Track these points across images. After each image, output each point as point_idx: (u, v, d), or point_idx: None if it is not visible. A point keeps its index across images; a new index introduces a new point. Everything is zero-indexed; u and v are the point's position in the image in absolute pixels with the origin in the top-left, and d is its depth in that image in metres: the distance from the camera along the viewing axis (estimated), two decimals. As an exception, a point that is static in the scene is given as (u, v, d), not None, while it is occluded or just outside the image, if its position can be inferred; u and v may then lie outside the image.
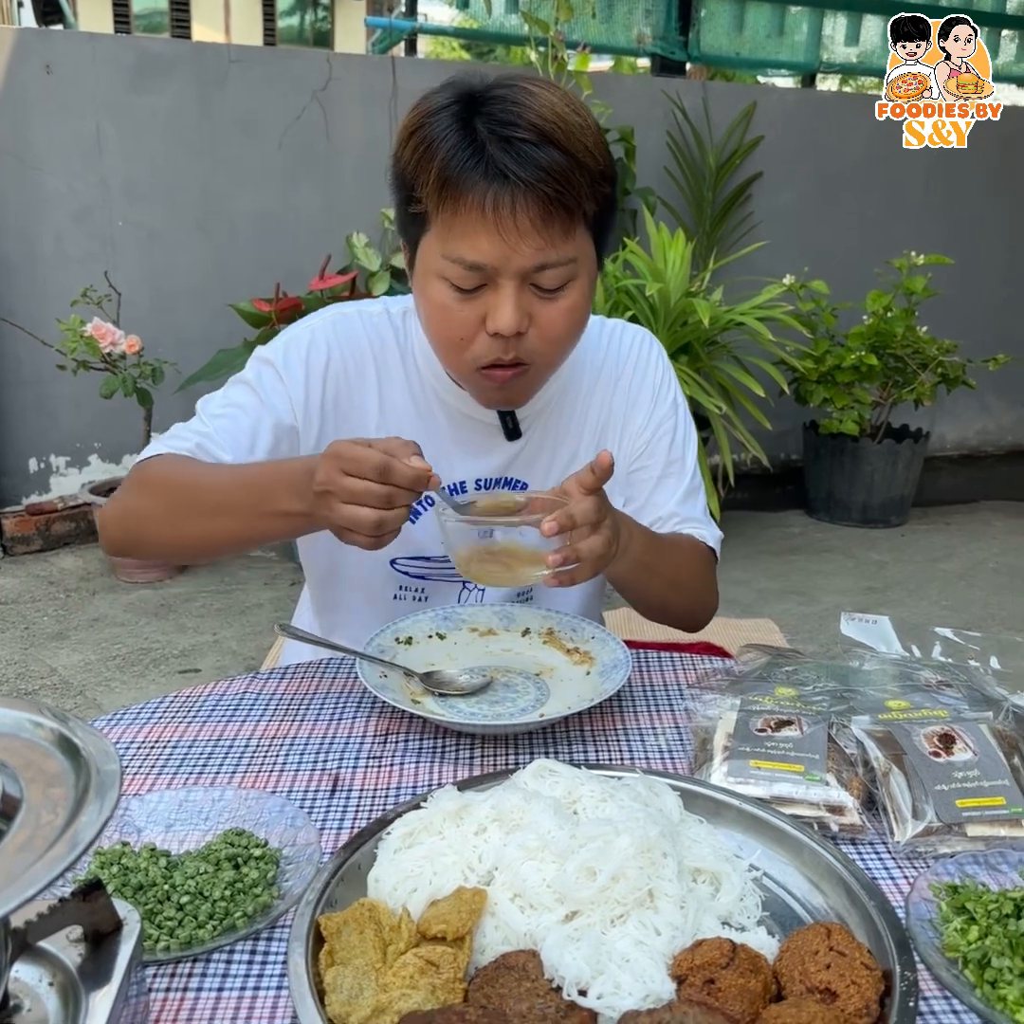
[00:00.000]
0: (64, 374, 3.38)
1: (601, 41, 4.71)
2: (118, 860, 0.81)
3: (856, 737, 0.92)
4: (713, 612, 1.35)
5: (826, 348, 4.33)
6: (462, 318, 1.06)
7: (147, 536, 1.17)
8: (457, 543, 1.03)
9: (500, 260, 1.02)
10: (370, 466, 0.91)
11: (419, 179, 1.03)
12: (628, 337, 1.33)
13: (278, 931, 0.76)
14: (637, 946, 0.69)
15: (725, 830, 0.84)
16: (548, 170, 1.00)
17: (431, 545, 1.26)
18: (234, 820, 0.88)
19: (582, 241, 1.07)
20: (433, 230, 1.05)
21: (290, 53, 5.14)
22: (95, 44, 3.74)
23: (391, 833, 0.79)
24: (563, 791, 0.82)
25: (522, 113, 1.00)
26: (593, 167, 1.04)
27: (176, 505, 1.12)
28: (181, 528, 1.12)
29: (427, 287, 1.08)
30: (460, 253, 1.03)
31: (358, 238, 3.76)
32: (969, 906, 0.74)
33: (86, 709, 2.68)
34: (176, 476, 1.13)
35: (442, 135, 1.01)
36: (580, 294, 1.09)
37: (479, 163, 1.00)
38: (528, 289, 1.05)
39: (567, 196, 1.01)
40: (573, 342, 1.14)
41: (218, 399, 1.21)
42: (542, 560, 0.98)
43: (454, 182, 1.00)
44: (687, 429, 1.34)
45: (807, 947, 0.69)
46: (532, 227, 1.01)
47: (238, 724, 1.06)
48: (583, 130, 1.03)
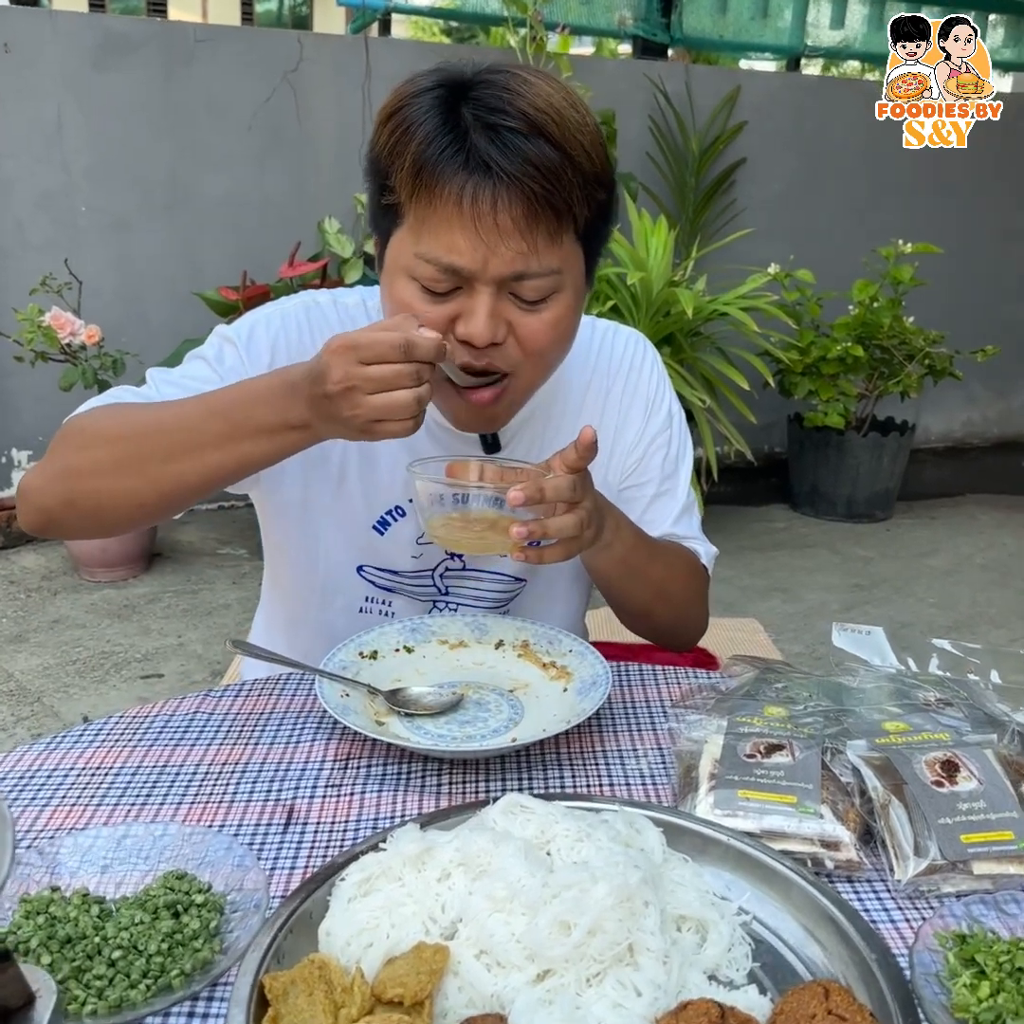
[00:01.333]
0: (24, 366, 3.27)
1: (581, 23, 4.62)
2: (45, 908, 0.74)
3: (852, 764, 0.86)
4: (701, 633, 1.28)
5: (811, 339, 4.27)
6: (428, 319, 0.94)
7: (85, 493, 0.99)
8: (428, 505, 0.97)
9: (478, 263, 0.92)
10: (391, 347, 0.84)
11: (393, 165, 0.93)
12: (621, 341, 1.24)
13: (220, 990, 0.69)
14: (615, 1009, 0.63)
15: (712, 868, 0.77)
16: (536, 164, 0.89)
17: (399, 558, 1.19)
18: (176, 860, 0.80)
19: (569, 251, 0.97)
20: (406, 224, 0.95)
21: (260, 32, 5.03)
22: (56, 21, 3.62)
23: (345, 879, 0.72)
24: (535, 830, 0.75)
25: (512, 100, 0.90)
26: (588, 168, 0.93)
27: (130, 450, 0.97)
28: (135, 474, 0.97)
29: (394, 285, 0.98)
30: (435, 253, 0.92)
31: (330, 223, 3.66)
32: (979, 958, 0.68)
33: (43, 717, 2.59)
34: (125, 420, 1.00)
35: (421, 118, 0.91)
36: (565, 307, 0.98)
37: (459, 151, 0.89)
38: (507, 297, 0.95)
39: (556, 195, 0.91)
40: (558, 358, 1.04)
41: (173, 372, 1.11)
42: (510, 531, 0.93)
43: (430, 170, 0.90)
44: (682, 442, 1.26)
45: (803, 1010, 0.63)
46: (514, 227, 0.90)
47: (187, 748, 0.98)
48: (580, 127, 0.92)
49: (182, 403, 0.99)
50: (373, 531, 1.18)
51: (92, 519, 1.03)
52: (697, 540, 1.25)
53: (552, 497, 0.92)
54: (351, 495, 1.16)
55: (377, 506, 1.17)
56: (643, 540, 1.13)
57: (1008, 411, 5.62)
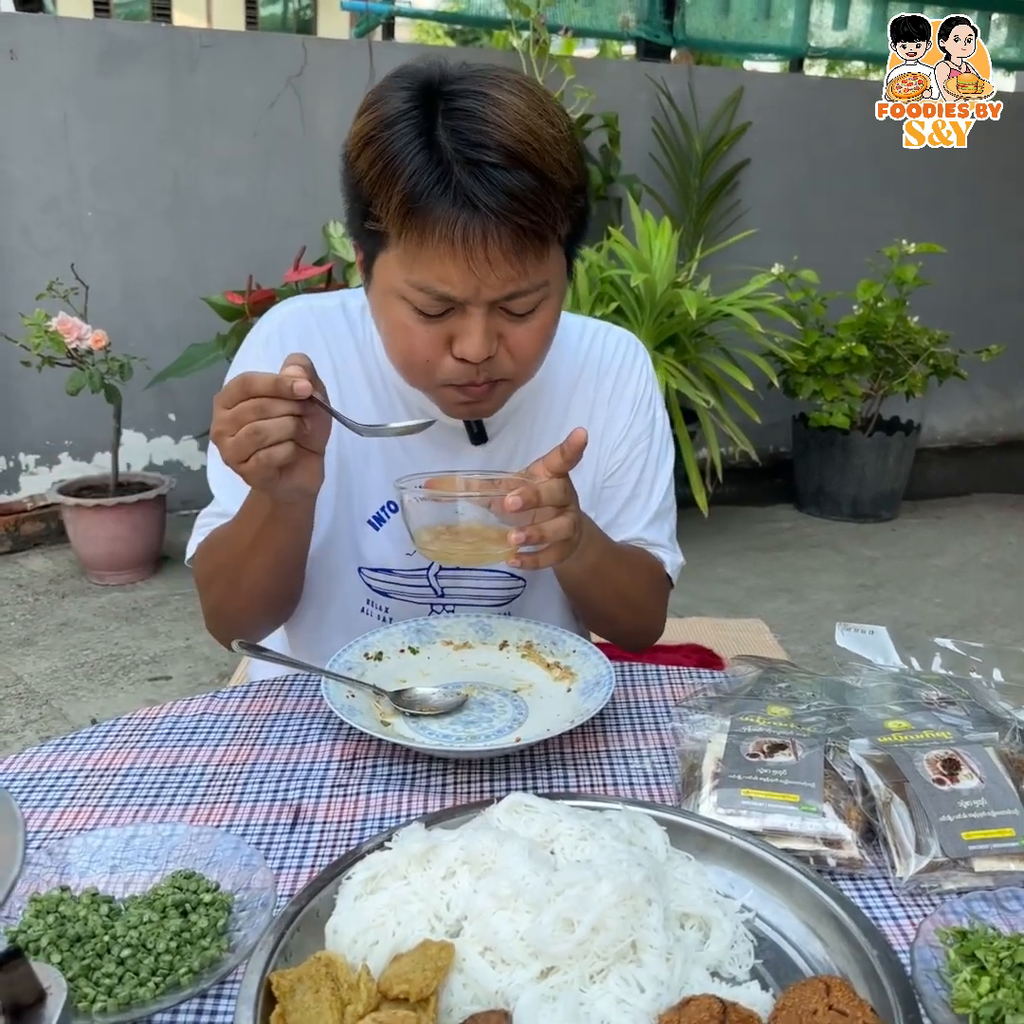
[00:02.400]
0: (31, 370, 3.28)
1: (584, 25, 4.62)
2: (55, 908, 0.75)
3: (854, 763, 0.86)
4: (656, 637, 1.29)
5: (816, 339, 4.27)
6: (426, 340, 0.98)
7: (231, 615, 1.16)
8: (417, 520, 0.99)
9: (470, 291, 0.94)
10: (235, 385, 0.89)
11: (378, 198, 0.94)
12: (612, 342, 1.25)
13: (228, 987, 0.70)
14: (619, 1005, 0.64)
15: (715, 867, 0.78)
16: (521, 199, 0.91)
17: (393, 556, 1.20)
18: (184, 860, 0.81)
19: (554, 262, 1.00)
20: (394, 252, 0.96)
21: (264, 37, 5.04)
22: (61, 28, 3.63)
23: (352, 878, 0.73)
24: (539, 829, 0.76)
25: (491, 133, 0.90)
26: (568, 184, 0.95)
27: (224, 574, 1.12)
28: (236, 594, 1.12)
29: (387, 306, 1.00)
30: (427, 283, 0.95)
31: (334, 228, 3.67)
32: (979, 954, 0.68)
33: (51, 720, 2.60)
34: (213, 552, 1.15)
35: (403, 152, 0.91)
36: (551, 312, 1.02)
37: (447, 189, 0.90)
38: (498, 312, 0.98)
39: (541, 225, 0.93)
40: (543, 358, 1.08)
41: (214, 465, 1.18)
42: (506, 539, 0.94)
43: (420, 210, 0.91)
44: (663, 448, 1.27)
45: (804, 1005, 0.63)
46: (504, 259, 0.93)
47: (194, 749, 0.99)
48: (557, 144, 0.93)
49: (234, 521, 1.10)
50: (369, 526, 1.19)
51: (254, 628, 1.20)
52: (665, 548, 1.26)
53: (547, 500, 0.94)
54: (347, 491, 1.18)
55: (372, 501, 1.19)
56: (611, 546, 1.15)
57: (1013, 411, 5.61)
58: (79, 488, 3.60)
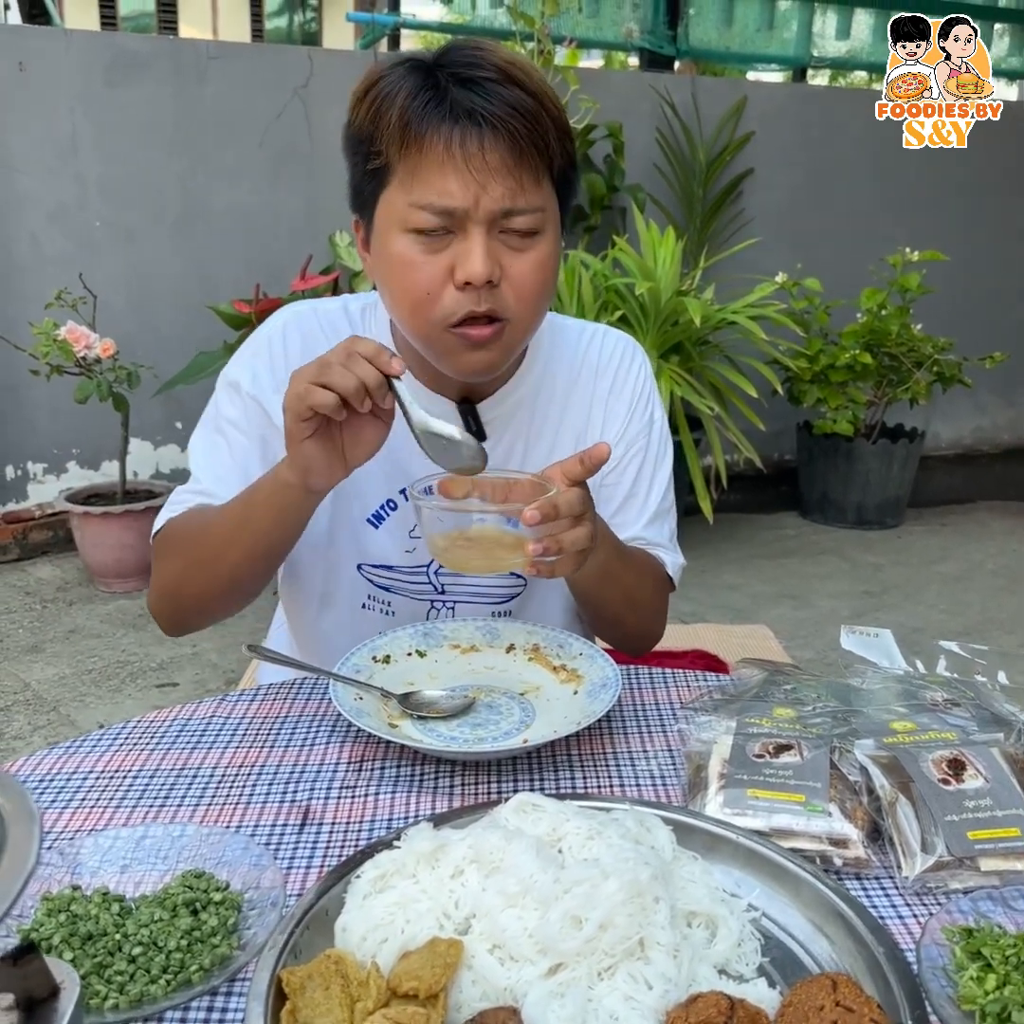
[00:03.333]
0: (40, 379, 3.30)
1: (588, 36, 4.65)
2: (67, 906, 0.75)
3: (860, 763, 0.87)
4: (656, 640, 1.29)
5: (819, 347, 4.28)
6: (428, 272, 1.00)
7: (186, 598, 1.14)
8: (433, 528, 0.98)
9: (469, 201, 0.97)
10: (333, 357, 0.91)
11: (378, 127, 0.98)
12: (610, 343, 1.26)
13: (238, 985, 0.70)
14: (627, 1002, 0.64)
15: (721, 866, 0.78)
16: (516, 107, 0.96)
17: (393, 553, 1.21)
18: (194, 860, 0.82)
19: (548, 193, 1.03)
20: (395, 180, 1.00)
21: (271, 49, 5.08)
22: (70, 40, 3.66)
23: (361, 876, 0.73)
24: (547, 828, 0.76)
25: (484, 56, 0.98)
26: (558, 116, 1.01)
27: (195, 553, 1.10)
28: (208, 572, 1.09)
29: (388, 244, 1.02)
30: (428, 198, 0.97)
31: (341, 237, 3.69)
32: (985, 951, 0.69)
33: (59, 726, 2.61)
34: (187, 529, 1.13)
35: (399, 83, 0.98)
36: (548, 247, 1.04)
37: (442, 103, 0.96)
38: (497, 238, 1.00)
39: (536, 135, 0.97)
40: (546, 298, 1.09)
41: (201, 447, 1.18)
42: (522, 547, 0.93)
43: (417, 121, 0.95)
44: (661, 448, 1.27)
45: (811, 1002, 0.63)
46: (502, 164, 0.96)
47: (204, 751, 1.00)
48: (543, 82, 1.01)
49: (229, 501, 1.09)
50: (368, 525, 1.20)
51: (204, 616, 1.19)
52: (665, 548, 1.26)
53: (566, 513, 0.93)
54: (346, 490, 1.18)
55: (371, 499, 1.19)
56: (619, 547, 1.15)
57: (1018, 418, 5.60)
58: (87, 496, 3.62)
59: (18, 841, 0.46)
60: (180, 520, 1.15)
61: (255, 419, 1.15)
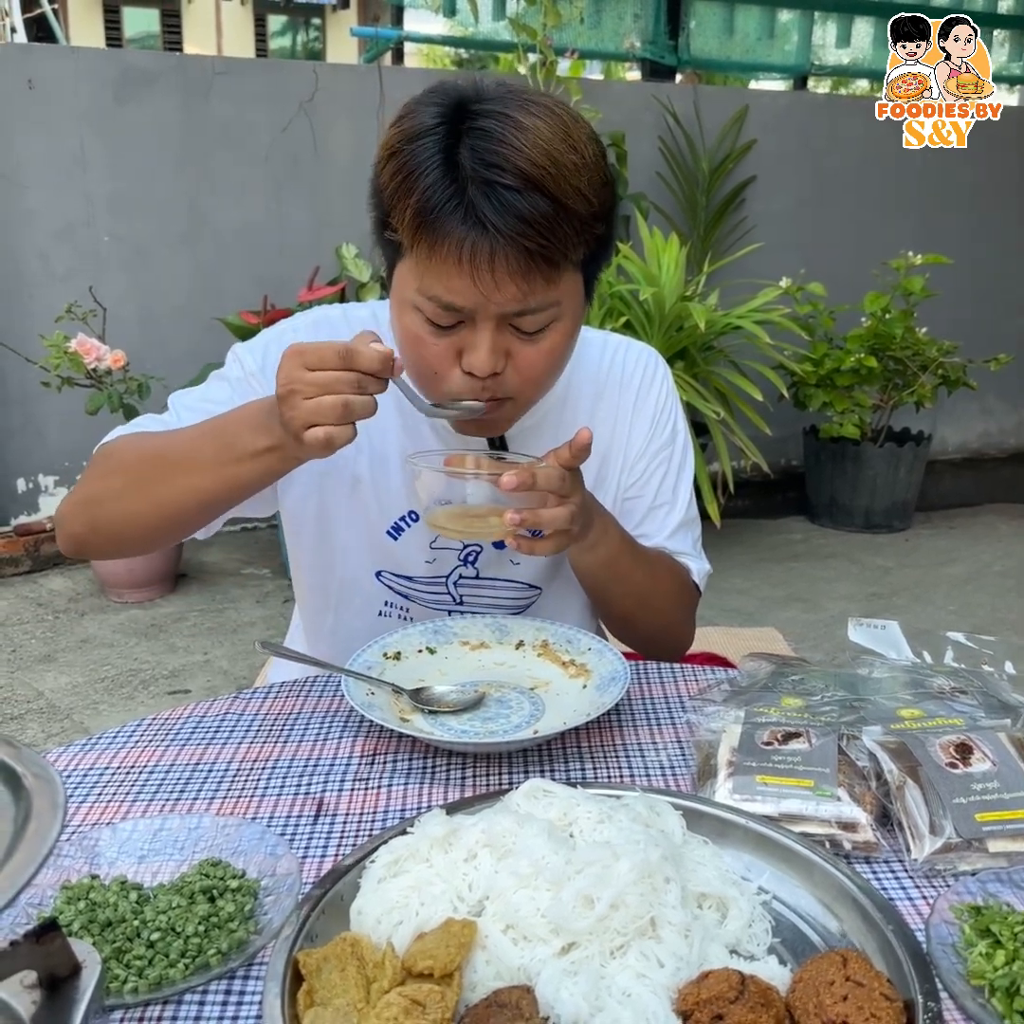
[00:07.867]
0: (50, 392, 3.33)
1: (590, 47, 4.69)
2: (86, 895, 0.76)
3: (868, 749, 0.87)
4: (685, 648, 1.29)
5: (824, 351, 4.29)
6: (437, 351, 1.00)
7: (109, 515, 1.07)
8: (426, 492, 1.01)
9: (476, 305, 0.96)
10: (333, 353, 0.87)
11: (395, 209, 0.97)
12: (633, 357, 1.27)
13: (255, 969, 0.71)
14: (639, 979, 0.65)
15: (731, 851, 0.79)
16: (531, 221, 0.92)
17: (413, 564, 1.22)
18: (211, 849, 0.83)
19: (568, 284, 1.00)
20: (408, 262, 0.99)
21: (276, 64, 5.13)
22: (78, 58, 3.72)
23: (375, 861, 0.75)
24: (558, 812, 0.77)
25: (509, 156, 0.91)
26: (584, 211, 0.96)
27: (136, 475, 1.05)
28: (141, 498, 1.04)
29: (402, 315, 1.03)
30: (435, 293, 0.97)
31: (347, 249, 3.72)
32: (994, 928, 0.69)
33: (73, 733, 2.63)
34: (136, 448, 1.08)
35: (422, 167, 0.94)
36: (562, 335, 1.03)
37: (458, 206, 0.92)
38: (507, 328, 1.00)
39: (550, 249, 0.94)
40: (552, 380, 1.09)
41: (193, 393, 1.17)
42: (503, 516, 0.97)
43: (430, 224, 0.94)
44: (684, 460, 1.28)
45: (822, 977, 0.64)
46: (510, 279, 0.94)
47: (218, 747, 1.01)
48: (577, 170, 0.95)
49: (187, 429, 1.05)
50: (387, 536, 1.21)
51: (113, 543, 1.13)
52: (691, 556, 1.27)
53: (543, 485, 0.95)
54: (365, 501, 1.19)
55: (391, 511, 1.20)
56: (629, 546, 1.16)
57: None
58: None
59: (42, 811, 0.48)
60: (134, 437, 1.11)
61: (246, 392, 1.13)
